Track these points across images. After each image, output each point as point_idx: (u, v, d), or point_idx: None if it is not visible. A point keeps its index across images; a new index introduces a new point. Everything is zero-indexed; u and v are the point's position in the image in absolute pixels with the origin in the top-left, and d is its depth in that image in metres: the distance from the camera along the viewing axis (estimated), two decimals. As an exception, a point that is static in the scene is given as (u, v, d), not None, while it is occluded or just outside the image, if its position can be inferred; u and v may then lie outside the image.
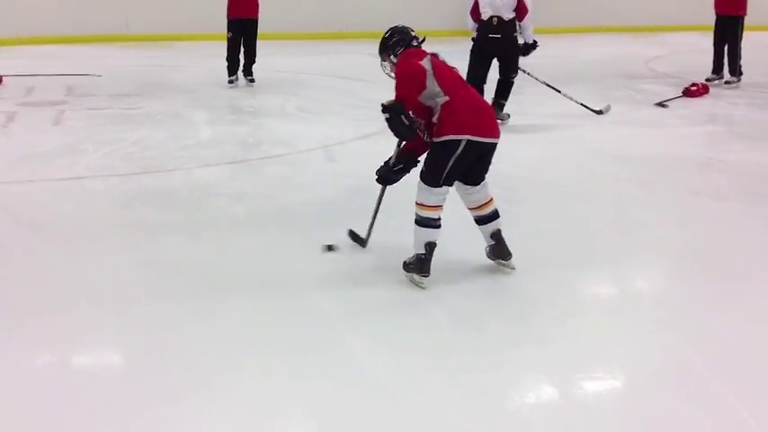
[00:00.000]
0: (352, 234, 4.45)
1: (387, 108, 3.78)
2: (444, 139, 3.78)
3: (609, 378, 3.23)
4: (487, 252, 4.12)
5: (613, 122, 7.91)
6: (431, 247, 3.89)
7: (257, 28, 9.98)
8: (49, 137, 7.10)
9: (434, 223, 3.89)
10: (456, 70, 4.02)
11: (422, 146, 4.01)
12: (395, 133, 3.86)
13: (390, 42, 4.10)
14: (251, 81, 10.04)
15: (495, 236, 4.05)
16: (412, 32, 4.15)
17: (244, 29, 9.85)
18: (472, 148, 3.79)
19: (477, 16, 7.40)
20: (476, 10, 7.39)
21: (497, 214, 4.04)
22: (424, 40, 4.16)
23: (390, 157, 4.09)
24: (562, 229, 4.81)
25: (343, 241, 4.44)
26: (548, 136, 7.31)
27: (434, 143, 3.84)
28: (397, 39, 4.09)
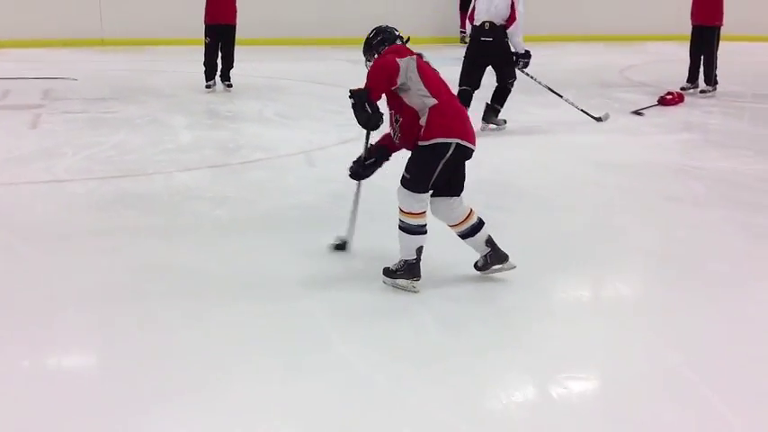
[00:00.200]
0: (335, 245, 4.42)
1: (353, 94, 3.76)
2: (434, 141, 3.75)
3: (594, 380, 3.26)
4: (482, 263, 4.04)
5: (591, 130, 7.99)
6: (420, 252, 3.89)
7: (235, 33, 9.97)
8: (27, 140, 7.05)
9: (422, 230, 3.87)
10: (438, 74, 3.98)
11: (393, 141, 4.02)
12: (358, 120, 3.81)
13: (374, 42, 4.07)
14: (228, 86, 10.02)
15: (489, 242, 4.01)
16: (396, 32, 4.12)
17: (221, 34, 9.83)
18: (459, 152, 3.78)
19: (472, 19, 7.48)
20: (472, 13, 7.48)
21: (483, 222, 4.01)
22: (408, 40, 4.12)
23: (361, 153, 4.08)
24: (543, 235, 4.85)
25: (326, 244, 4.45)
26: (526, 142, 7.36)
27: (421, 147, 3.80)
28: (381, 38, 4.07)
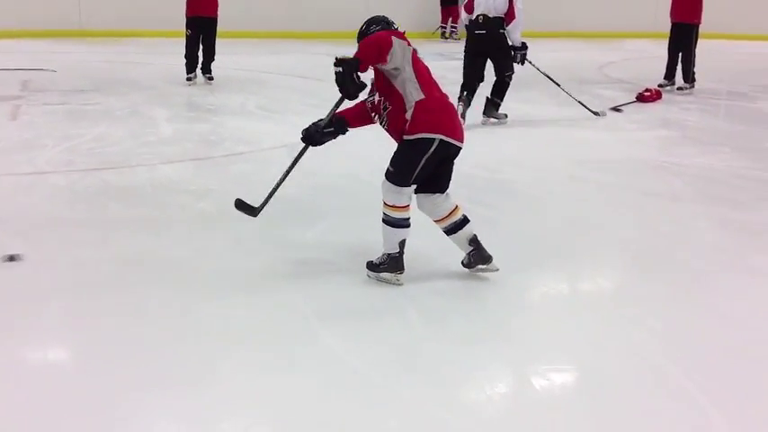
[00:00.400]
0: (241, 203, 4.26)
1: (341, 62, 3.65)
2: (417, 136, 3.77)
3: (575, 372, 3.29)
4: (466, 262, 4.07)
5: (570, 125, 8.08)
6: (403, 245, 3.93)
7: (216, 26, 9.97)
8: (7, 132, 7.03)
9: (406, 223, 3.90)
10: (429, 70, 3.97)
11: (355, 117, 4.02)
12: (341, 89, 3.73)
13: (371, 31, 3.98)
14: (209, 79, 10.02)
15: (474, 241, 4.03)
16: (393, 24, 4.08)
17: (202, 27, 9.82)
18: (443, 148, 3.80)
19: (470, 10, 7.64)
20: (469, 4, 7.63)
21: (467, 219, 4.03)
22: (404, 32, 4.03)
23: (322, 118, 3.99)
24: (523, 230, 4.90)
25: (312, 237, 4.48)
26: (505, 138, 7.43)
27: (405, 141, 3.82)
28: (379, 28, 3.99)
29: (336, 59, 3.66)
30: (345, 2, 16.41)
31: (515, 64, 7.74)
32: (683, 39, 9.92)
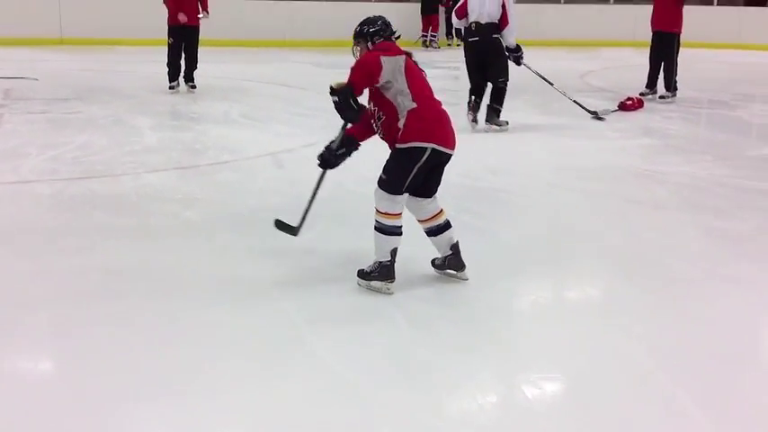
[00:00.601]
0: (281, 224, 4.31)
1: (335, 91, 3.70)
2: (410, 145, 3.79)
3: (566, 380, 3.29)
4: (439, 263, 4.13)
5: (553, 134, 8.13)
6: (394, 253, 3.93)
7: (198, 35, 9.97)
8: (-11, 140, 7.00)
9: (398, 230, 3.91)
10: (425, 75, 4.02)
11: (362, 131, 4.02)
12: (342, 116, 3.79)
13: (370, 30, 3.98)
14: (192, 87, 10.01)
15: (454, 247, 4.07)
16: (392, 27, 4.07)
17: (184, 35, 9.81)
18: (434, 157, 3.83)
19: (461, 14, 7.78)
20: (461, 9, 7.76)
21: (449, 224, 4.07)
22: (399, 36, 4.10)
23: (332, 141, 4.02)
24: (508, 238, 4.92)
25: (300, 245, 4.48)
26: (490, 146, 7.44)
27: (398, 149, 3.84)
28: (377, 29, 3.99)
29: (331, 89, 3.72)
30: (328, 11, 16.48)
31: (512, 65, 7.91)
32: (664, 48, 9.97)
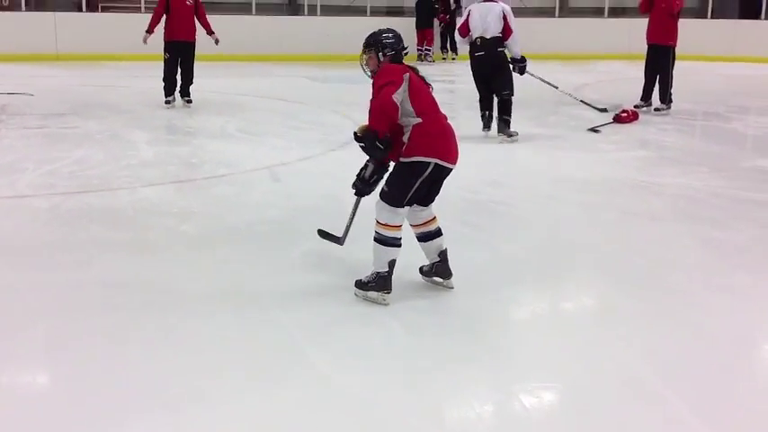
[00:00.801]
0: (324, 233, 4.43)
1: (361, 138, 3.86)
2: (413, 159, 3.85)
3: (563, 389, 3.28)
4: (426, 269, 4.17)
5: (549, 146, 8.16)
6: (392, 265, 3.95)
7: (194, 50, 9.98)
8: (-14, 155, 7.00)
9: (397, 242, 3.95)
10: (431, 89, 4.06)
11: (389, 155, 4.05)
12: (371, 156, 3.93)
13: (384, 41, 4.03)
14: (188, 102, 10.03)
15: (443, 254, 4.11)
16: (402, 43, 4.11)
17: (180, 51, 9.83)
18: (437, 171, 3.88)
19: (464, 33, 8.02)
20: (464, 27, 8.02)
21: (440, 232, 4.12)
22: (407, 52, 4.16)
23: (362, 169, 4.05)
24: (506, 249, 4.93)
25: (297, 256, 4.49)
26: (486, 158, 7.45)
27: (401, 163, 3.89)
28: (391, 41, 4.04)
29: (356, 136, 3.90)
30: (323, 26, 16.54)
31: (517, 74, 8.12)
32: (659, 60, 9.98)
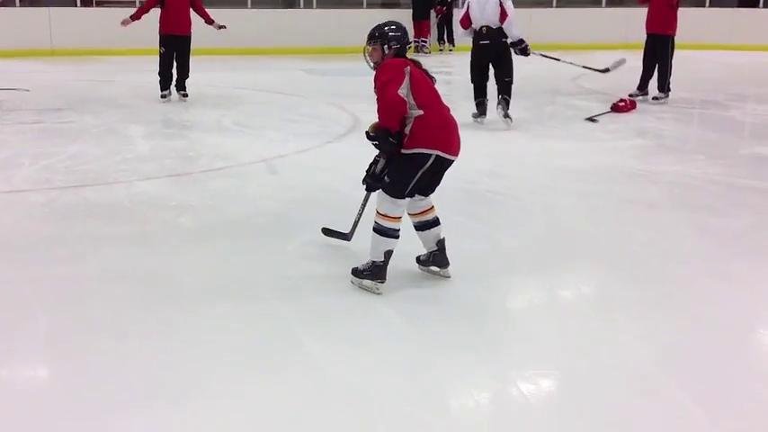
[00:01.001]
0: (329, 231, 4.54)
1: (374, 136, 3.89)
2: (415, 151, 3.86)
3: (561, 377, 3.29)
4: (423, 259, 4.19)
5: (547, 136, 8.16)
6: (388, 255, 3.96)
7: (190, 44, 9.94)
8: (-18, 151, 6.98)
9: (396, 233, 3.96)
10: (434, 81, 4.07)
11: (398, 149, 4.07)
12: (383, 152, 3.97)
13: (390, 33, 4.05)
14: (184, 96, 9.99)
15: (440, 243, 4.13)
16: (406, 32, 4.14)
17: (176, 45, 9.79)
18: (438, 163, 3.90)
19: (465, 25, 8.32)
20: (464, 19, 8.31)
21: (438, 221, 4.14)
22: (410, 45, 4.21)
23: (371, 164, 4.10)
24: (504, 239, 4.92)
25: (293, 248, 4.49)
26: (483, 148, 7.43)
27: (403, 155, 3.90)
28: (398, 34, 4.05)
29: (368, 135, 3.94)
30: (318, 19, 16.50)
31: (521, 56, 8.34)
32: (658, 50, 9.95)
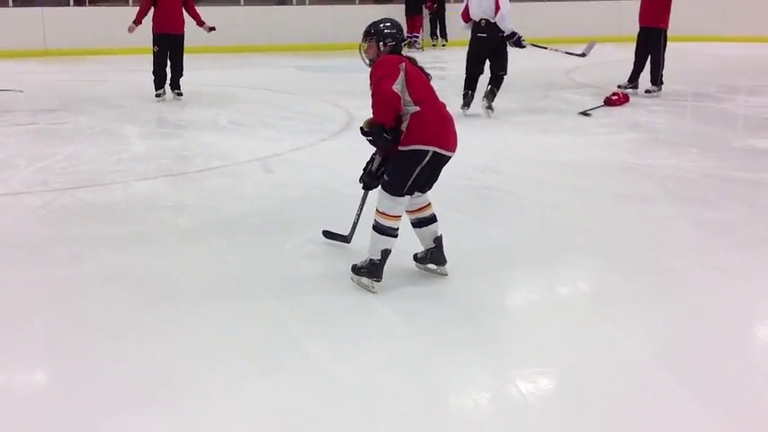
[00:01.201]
0: (330, 233, 4.58)
1: (368, 132, 3.90)
2: (412, 148, 3.87)
3: (560, 374, 3.30)
4: (421, 256, 4.19)
5: (541, 130, 8.19)
6: (386, 254, 3.97)
7: (183, 43, 9.93)
8: (-23, 154, 6.98)
9: (394, 232, 3.97)
10: (430, 78, 4.07)
11: (394, 147, 4.07)
12: (379, 148, 3.99)
13: (386, 30, 4.05)
14: (178, 95, 10.00)
15: (438, 240, 4.14)
16: (401, 29, 4.14)
17: (170, 44, 9.79)
18: (435, 159, 3.90)
19: (466, 19, 8.61)
20: (466, 13, 8.59)
21: (436, 218, 4.14)
22: (405, 43, 4.22)
23: (368, 163, 4.13)
24: (500, 234, 4.94)
25: (291, 247, 4.52)
26: (477, 143, 7.44)
27: (400, 152, 3.90)
28: (393, 31, 4.05)
29: (362, 130, 3.94)
30: (311, 16, 16.50)
31: (517, 48, 8.55)
32: (651, 43, 9.97)
